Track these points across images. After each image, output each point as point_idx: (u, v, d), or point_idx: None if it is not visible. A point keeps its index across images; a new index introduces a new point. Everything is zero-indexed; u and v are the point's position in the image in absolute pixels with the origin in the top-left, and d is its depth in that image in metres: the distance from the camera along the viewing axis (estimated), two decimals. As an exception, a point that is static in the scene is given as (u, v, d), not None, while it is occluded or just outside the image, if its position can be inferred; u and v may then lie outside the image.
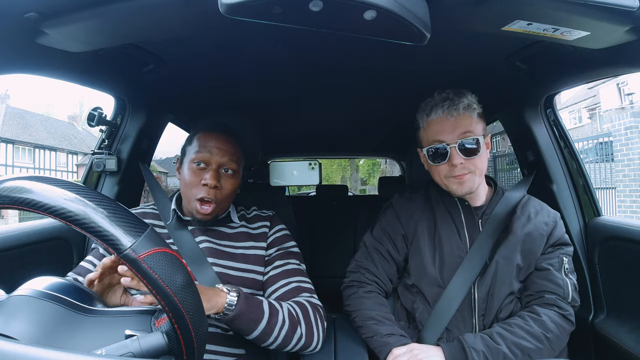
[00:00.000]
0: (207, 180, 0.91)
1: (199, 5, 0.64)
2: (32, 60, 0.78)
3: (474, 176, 0.97)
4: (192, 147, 0.96)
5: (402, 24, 0.55)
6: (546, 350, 0.89)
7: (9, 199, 0.42)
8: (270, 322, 0.81)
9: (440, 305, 0.97)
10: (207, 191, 0.92)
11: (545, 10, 0.63)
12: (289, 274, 0.96)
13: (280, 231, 1.05)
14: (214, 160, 0.93)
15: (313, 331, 0.87)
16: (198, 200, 0.92)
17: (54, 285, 0.53)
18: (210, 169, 0.93)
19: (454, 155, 0.95)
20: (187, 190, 0.95)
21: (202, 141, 0.95)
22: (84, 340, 0.48)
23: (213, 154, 0.93)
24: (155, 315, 0.53)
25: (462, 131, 0.94)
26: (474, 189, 0.98)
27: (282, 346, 0.84)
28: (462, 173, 0.95)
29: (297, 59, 1.03)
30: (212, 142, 0.94)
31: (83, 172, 1.31)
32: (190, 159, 0.94)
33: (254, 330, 0.80)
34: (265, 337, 0.81)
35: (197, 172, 0.93)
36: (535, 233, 0.98)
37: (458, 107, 0.95)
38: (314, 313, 0.89)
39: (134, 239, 0.43)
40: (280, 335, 0.82)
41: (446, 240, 1.02)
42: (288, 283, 0.95)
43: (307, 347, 0.87)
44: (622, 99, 12.53)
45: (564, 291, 0.94)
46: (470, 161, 0.95)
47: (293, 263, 0.99)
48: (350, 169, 20.94)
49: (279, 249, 1.01)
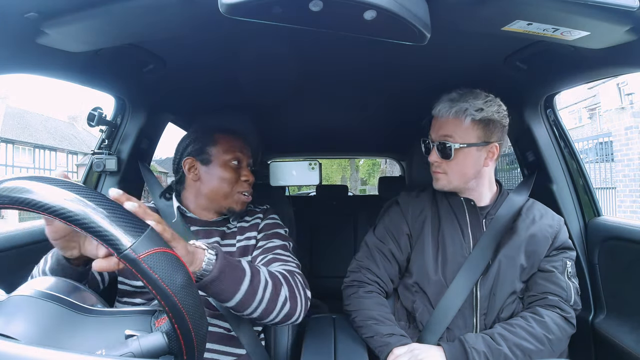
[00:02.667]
0: (247, 177, 1.01)
1: (199, 5, 0.64)
2: (32, 60, 0.78)
3: (447, 177, 1.00)
4: (222, 148, 1.01)
5: (402, 24, 0.55)
6: (547, 352, 0.89)
7: (9, 199, 0.43)
8: (252, 281, 0.74)
9: (442, 304, 0.97)
10: (248, 186, 1.02)
11: (545, 10, 0.63)
12: (269, 250, 0.96)
13: (270, 219, 1.06)
14: (245, 159, 1.03)
15: (296, 295, 0.82)
16: (240, 193, 1.01)
17: (54, 285, 0.53)
18: (243, 166, 1.03)
19: (432, 153, 1.02)
20: (225, 187, 0.99)
21: (229, 142, 1.02)
22: (84, 340, 0.48)
23: (243, 152, 1.03)
24: (155, 315, 0.53)
25: (443, 134, 0.98)
26: (447, 187, 1.02)
27: (265, 313, 0.77)
28: (437, 170, 1.02)
29: (297, 59, 1.03)
30: (240, 143, 1.04)
31: (83, 172, 1.31)
32: (225, 159, 1.00)
33: (237, 292, 0.72)
34: (249, 300, 0.73)
35: (235, 170, 1.01)
36: (540, 235, 0.98)
37: (450, 110, 0.96)
38: (293, 278, 0.85)
39: (133, 239, 0.43)
40: (265, 297, 0.75)
41: (449, 240, 1.02)
42: (265, 257, 0.93)
43: (291, 315, 0.81)
44: (622, 99, 12.53)
45: (567, 294, 0.95)
46: (446, 163, 0.99)
47: (275, 240, 0.99)
48: (350, 169, 20.94)
49: (265, 233, 1.02)
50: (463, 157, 0.97)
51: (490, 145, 0.98)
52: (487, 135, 0.97)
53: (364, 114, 1.76)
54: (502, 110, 0.99)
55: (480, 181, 1.03)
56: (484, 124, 0.96)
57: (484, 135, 0.97)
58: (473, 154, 0.97)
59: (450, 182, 1.01)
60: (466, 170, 0.99)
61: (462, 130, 0.96)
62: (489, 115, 0.96)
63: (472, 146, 0.96)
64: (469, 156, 0.97)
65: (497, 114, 0.97)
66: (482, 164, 0.99)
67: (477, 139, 0.96)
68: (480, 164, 0.99)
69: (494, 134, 0.98)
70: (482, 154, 0.98)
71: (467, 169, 0.99)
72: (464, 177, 1.00)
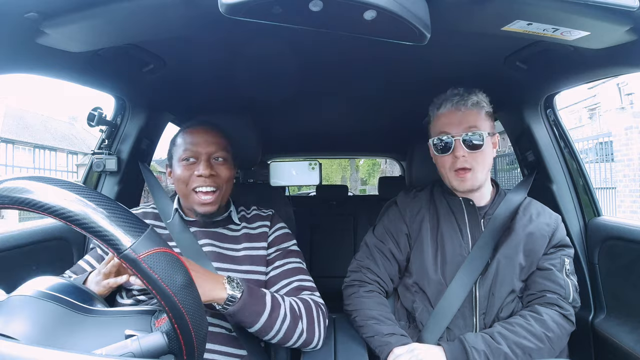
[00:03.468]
0: (200, 171, 0.91)
1: (199, 5, 0.64)
2: (32, 60, 0.78)
3: (475, 173, 0.98)
4: (178, 147, 0.97)
5: (402, 24, 0.55)
6: (547, 350, 0.89)
7: (9, 199, 0.42)
8: (272, 315, 0.81)
9: (442, 304, 0.97)
10: (203, 181, 0.92)
11: (545, 10, 0.63)
12: (290, 273, 0.97)
13: (280, 230, 1.05)
14: (203, 152, 0.94)
15: (314, 328, 0.88)
16: (195, 191, 0.92)
17: (54, 285, 0.53)
18: (201, 160, 0.94)
19: (457, 148, 0.97)
20: (182, 187, 0.95)
21: (186, 138, 0.96)
22: (84, 340, 0.48)
23: (200, 146, 0.94)
24: (155, 315, 0.53)
25: (468, 125, 0.97)
26: (475, 186, 1.00)
27: (283, 341, 0.84)
28: (463, 167, 0.97)
29: (297, 59, 1.03)
30: (197, 136, 0.95)
31: (83, 172, 1.31)
32: (178, 156, 0.95)
33: (256, 323, 0.80)
34: (267, 330, 0.81)
35: (188, 167, 0.94)
36: (537, 233, 0.99)
37: (467, 102, 0.98)
38: (317, 310, 0.90)
39: (133, 239, 0.43)
40: (282, 329, 0.82)
41: (448, 239, 1.02)
42: (289, 283, 0.95)
43: (309, 343, 0.87)
44: (622, 99, 12.52)
45: (566, 291, 0.95)
46: (473, 155, 0.97)
47: (293, 262, 0.99)
48: (350, 169, 20.94)
49: (278, 248, 1.01)
50: (487, 148, 0.99)
51: (495, 135, 1.02)
52: (492, 126, 1.02)
53: (364, 114, 1.76)
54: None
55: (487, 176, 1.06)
56: (490, 115, 1.02)
57: (491, 126, 1.02)
58: (490, 144, 1.00)
59: (477, 179, 0.99)
60: (488, 161, 1.01)
61: (482, 120, 0.99)
62: (490, 108, 1.02)
63: (489, 136, 1.00)
64: (488, 147, 0.99)
65: (491, 107, 1.03)
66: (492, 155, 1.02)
67: (490, 128, 1.01)
68: (492, 156, 1.02)
69: (493, 126, 1.03)
70: (491, 145, 1.01)
71: (488, 159, 1.00)
72: (486, 169, 1.01)
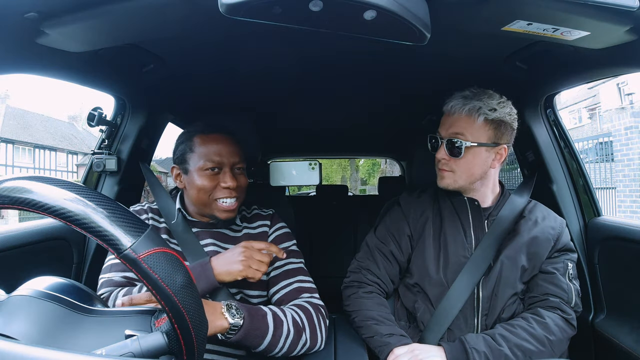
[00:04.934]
0: (227, 184, 0.92)
1: (199, 5, 0.64)
2: (32, 60, 0.78)
3: (453, 175, 1.00)
4: (197, 154, 0.93)
5: (402, 24, 0.55)
6: (547, 353, 0.89)
7: (9, 199, 0.42)
8: (275, 334, 0.81)
9: (443, 305, 0.97)
10: (229, 192, 0.93)
11: (545, 10, 0.63)
12: (290, 274, 0.97)
13: (280, 229, 1.05)
14: (227, 162, 0.94)
15: (317, 333, 0.88)
16: (218, 200, 0.93)
17: (54, 285, 0.53)
18: (225, 171, 0.93)
19: (440, 150, 1.00)
20: (203, 196, 0.93)
21: (207, 146, 0.93)
22: (84, 340, 0.48)
23: (224, 156, 0.93)
24: (155, 315, 0.53)
25: (454, 131, 0.97)
26: (453, 187, 1.01)
27: (287, 353, 0.85)
28: (443, 168, 1.00)
29: (297, 59, 1.03)
30: (219, 145, 0.94)
31: (83, 172, 1.31)
32: (200, 166, 0.92)
33: (260, 345, 0.80)
34: (272, 348, 0.81)
35: (213, 178, 0.93)
36: (542, 236, 0.98)
37: (463, 108, 0.96)
38: (317, 314, 0.90)
39: (134, 239, 0.43)
40: (286, 344, 0.83)
41: (451, 240, 1.01)
42: (289, 284, 0.95)
43: (312, 349, 0.88)
44: (622, 99, 12.52)
45: (568, 296, 0.95)
46: (453, 161, 0.98)
47: (293, 262, 0.99)
48: (350, 169, 20.93)
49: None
50: (472, 157, 0.97)
51: (499, 147, 0.98)
52: (498, 137, 0.97)
53: (364, 114, 1.76)
54: (513, 113, 0.99)
55: (484, 182, 1.03)
56: (495, 124, 0.96)
57: (494, 136, 0.97)
58: (482, 154, 0.97)
59: (456, 182, 1.00)
60: (474, 170, 0.98)
61: (474, 129, 0.96)
62: (502, 116, 0.96)
63: (482, 146, 0.96)
64: (477, 156, 0.97)
65: (508, 116, 0.97)
66: (489, 165, 0.99)
67: (487, 139, 0.96)
68: (487, 165, 0.99)
69: (504, 136, 0.98)
70: (491, 155, 0.98)
71: (474, 169, 0.98)
72: (471, 177, 0.99)
